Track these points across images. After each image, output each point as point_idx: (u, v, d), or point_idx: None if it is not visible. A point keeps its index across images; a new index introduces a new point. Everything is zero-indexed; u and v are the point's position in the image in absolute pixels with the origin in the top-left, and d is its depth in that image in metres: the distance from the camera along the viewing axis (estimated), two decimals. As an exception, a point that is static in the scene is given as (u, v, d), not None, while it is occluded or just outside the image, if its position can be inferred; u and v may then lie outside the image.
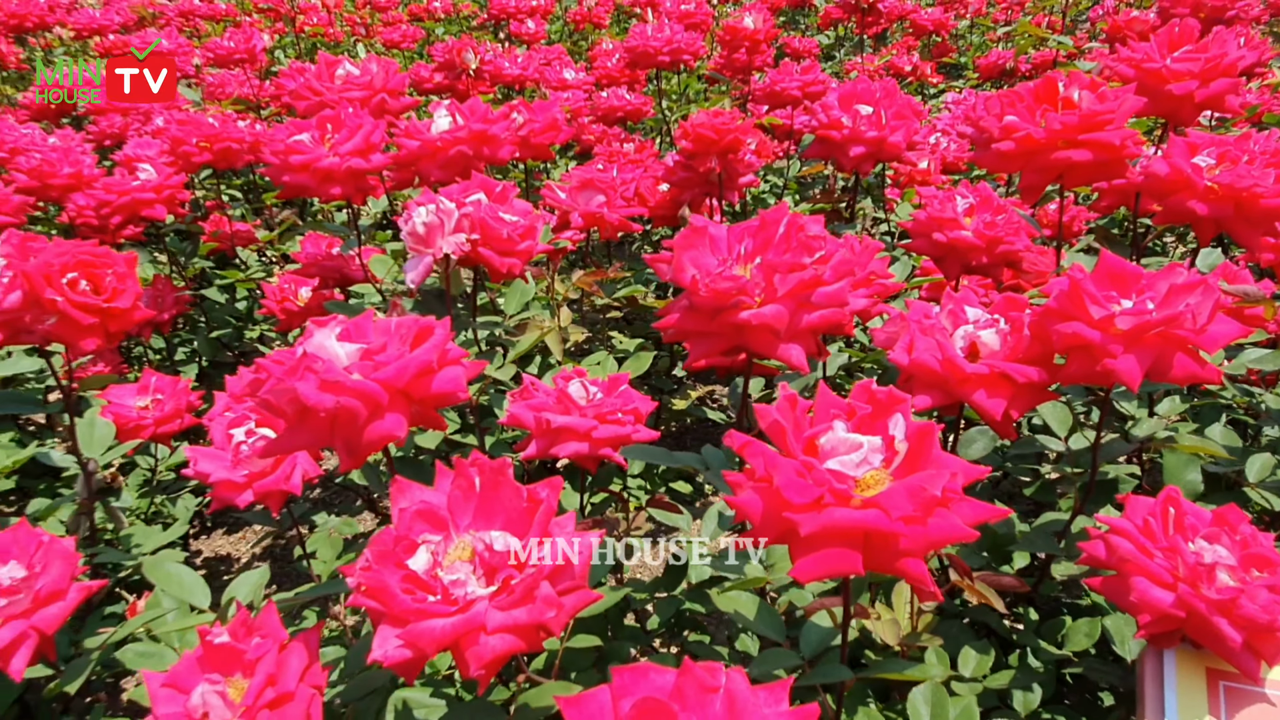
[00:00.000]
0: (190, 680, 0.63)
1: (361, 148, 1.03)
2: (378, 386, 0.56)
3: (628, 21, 4.33)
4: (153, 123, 2.00)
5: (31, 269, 0.83)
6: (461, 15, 4.50)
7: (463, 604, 0.51)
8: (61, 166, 1.59)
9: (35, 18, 2.68)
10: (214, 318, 1.73)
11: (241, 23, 3.85)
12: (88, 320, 0.84)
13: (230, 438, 0.93)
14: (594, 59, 2.64)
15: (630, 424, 0.81)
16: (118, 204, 1.43)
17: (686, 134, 1.28)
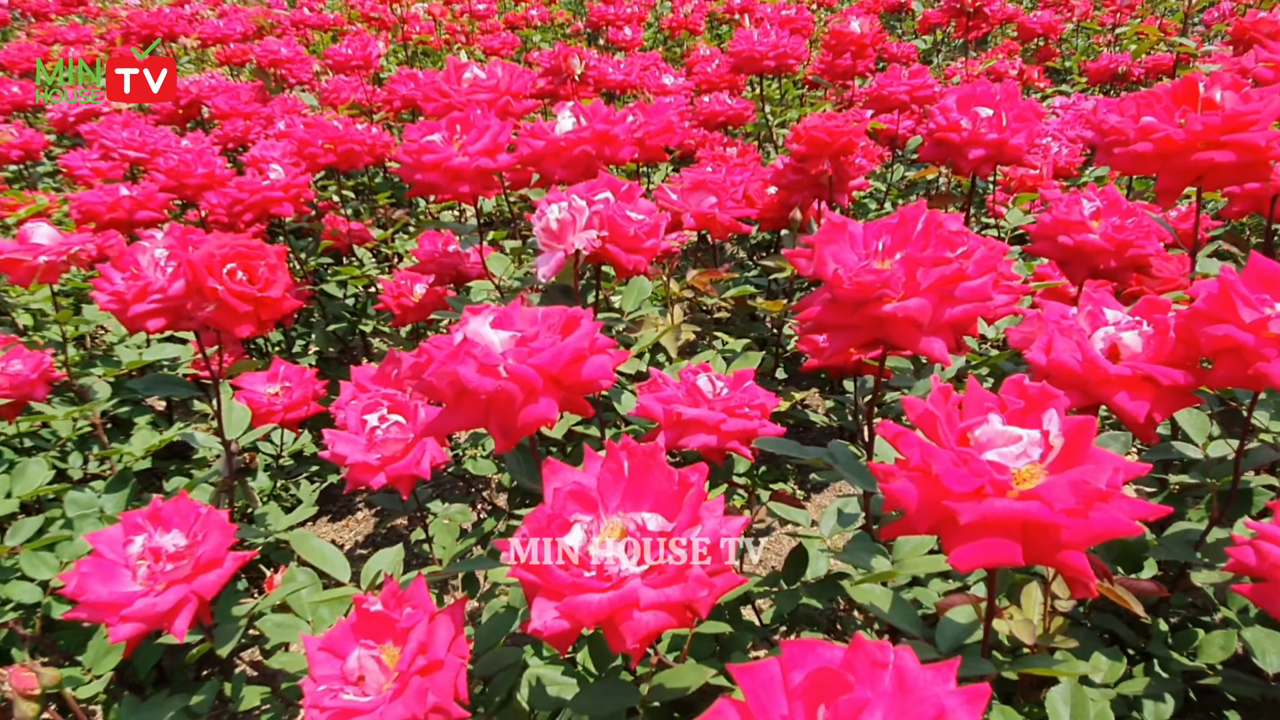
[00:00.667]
0: (345, 645, 0.67)
1: (489, 148, 1.07)
2: (533, 371, 0.59)
3: (718, 28, 4.35)
4: (274, 126, 2.10)
5: (196, 259, 0.89)
6: (556, 23, 4.58)
7: (616, 580, 0.53)
8: (196, 167, 1.69)
9: (165, 28, 2.84)
10: (330, 312, 1.80)
11: (346, 31, 4.01)
12: (244, 308, 0.90)
13: (364, 423, 0.98)
14: (692, 65, 2.67)
15: (757, 418, 0.82)
16: (249, 202, 1.51)
17: (799, 137, 1.29)
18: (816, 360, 1.12)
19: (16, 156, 1.95)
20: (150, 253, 0.96)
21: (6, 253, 1.06)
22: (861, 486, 0.69)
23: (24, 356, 1.20)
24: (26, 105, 2.60)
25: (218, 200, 1.65)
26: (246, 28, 2.97)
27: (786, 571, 0.83)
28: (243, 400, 1.28)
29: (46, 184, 2.31)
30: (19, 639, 1.08)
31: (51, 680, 0.76)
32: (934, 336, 0.61)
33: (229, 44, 2.86)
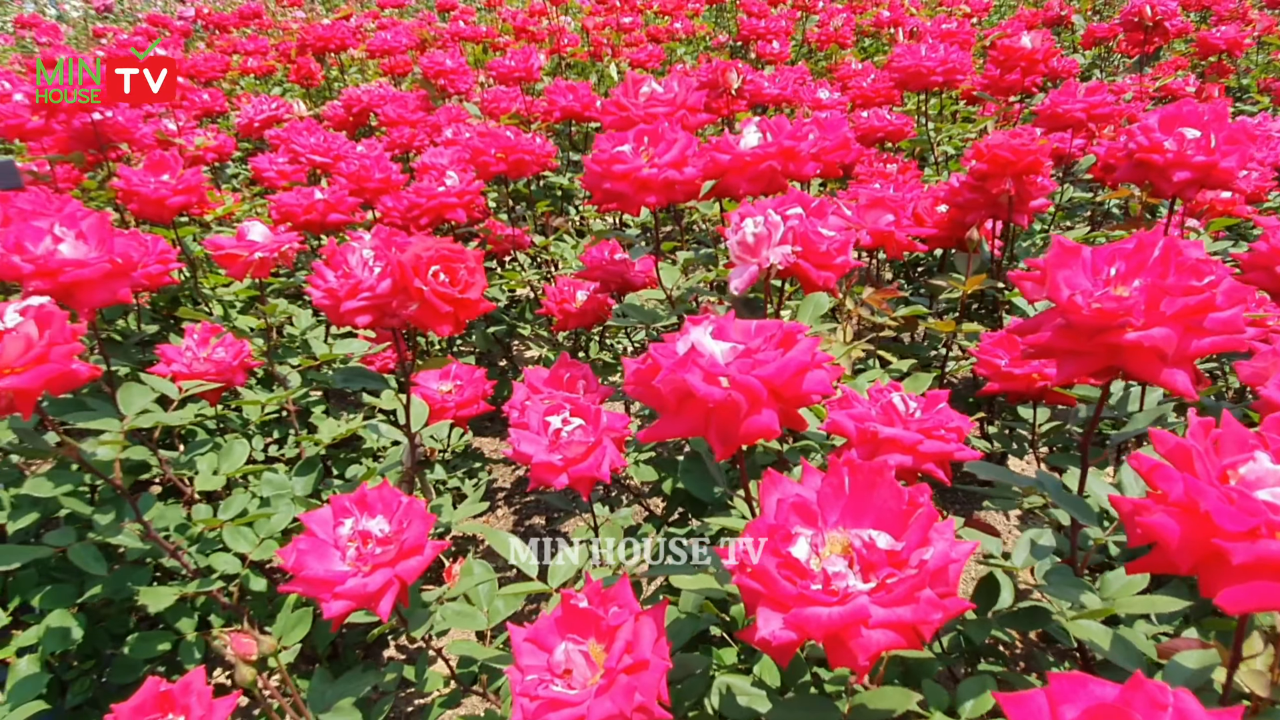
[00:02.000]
0: (550, 639, 0.69)
1: (677, 160, 1.09)
2: (758, 383, 0.60)
3: (862, 41, 4.29)
4: (442, 134, 2.19)
5: (405, 261, 0.94)
6: (699, 35, 4.62)
7: (843, 596, 0.53)
8: (374, 172, 1.78)
9: (337, 40, 3.02)
10: (490, 314, 1.87)
11: (496, 43, 4.15)
12: (445, 309, 0.94)
13: (547, 425, 1.01)
14: (844, 79, 2.64)
15: (954, 441, 0.81)
16: (426, 207, 1.59)
17: (981, 155, 1.26)
18: (999, 385, 1.09)
19: (211, 159, 2.11)
20: (359, 253, 1.02)
21: (227, 248, 1.15)
22: (1078, 518, 0.67)
23: (227, 344, 1.30)
24: (213, 110, 2.80)
25: (393, 203, 1.74)
26: (411, 40, 3.12)
27: (978, 598, 0.81)
28: (418, 396, 1.34)
29: (231, 184, 2.48)
30: (218, 606, 1.16)
31: (269, 648, 0.81)
32: (1177, 368, 0.59)
33: (395, 55, 3.01)
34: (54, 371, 0.82)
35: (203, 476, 1.12)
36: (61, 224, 0.98)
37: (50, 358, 0.82)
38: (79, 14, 7.28)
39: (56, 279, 0.94)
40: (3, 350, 0.80)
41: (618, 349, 1.89)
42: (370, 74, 3.82)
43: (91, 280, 0.96)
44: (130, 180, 1.47)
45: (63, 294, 0.96)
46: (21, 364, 0.81)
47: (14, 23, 5.42)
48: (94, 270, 0.96)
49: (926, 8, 4.44)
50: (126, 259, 0.99)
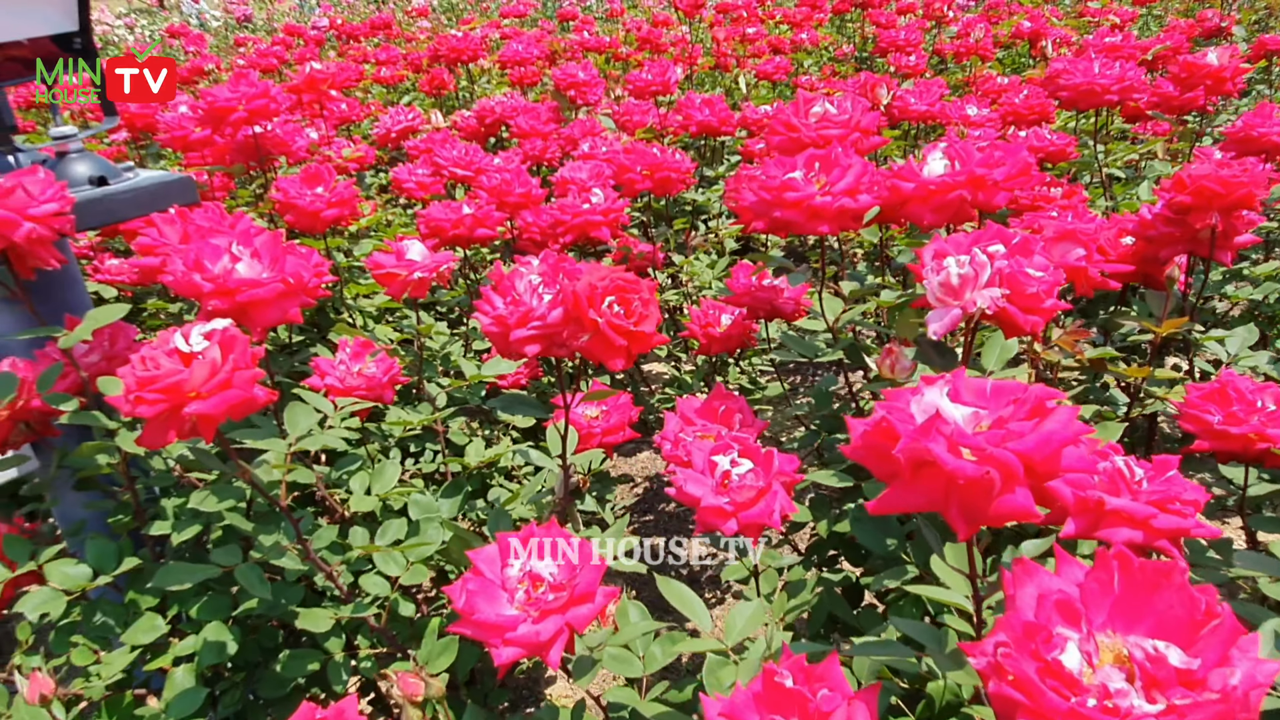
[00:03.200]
0: (747, 714, 0.64)
1: (853, 187, 1.03)
2: (1014, 458, 0.53)
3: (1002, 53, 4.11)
4: (579, 148, 2.18)
5: (580, 291, 0.90)
6: (822, 46, 4.52)
7: (1124, 715, 0.47)
8: (515, 187, 1.77)
9: (470, 51, 3.06)
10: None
11: (620, 54, 4.14)
12: (619, 342, 0.90)
13: (714, 465, 0.96)
14: (992, 94, 2.52)
15: (1191, 515, 0.72)
16: (570, 224, 1.56)
17: (1182, 186, 1.15)
18: (1210, 443, 0.98)
19: (354, 169, 2.14)
20: (526, 279, 0.99)
21: (387, 267, 1.15)
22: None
23: (380, 360, 1.29)
24: (350, 119, 2.87)
25: (533, 219, 1.73)
26: (542, 51, 3.14)
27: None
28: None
29: (366, 193, 2.53)
30: (365, 627, 1.16)
31: (436, 692, 0.79)
32: None
33: (526, 66, 3.03)
34: (238, 398, 0.81)
35: (357, 497, 1.11)
36: (239, 243, 0.99)
37: (234, 383, 0.82)
38: (219, 23, 7.66)
39: (234, 298, 0.94)
40: (190, 375, 0.79)
41: (751, 373, 1.84)
42: (495, 84, 3.86)
43: (266, 300, 0.96)
44: (288, 193, 1.49)
45: (238, 313, 0.96)
46: (207, 389, 0.80)
47: (164, 32, 5.73)
48: (269, 290, 0.95)
49: (1067, 18, 4.23)
50: (298, 278, 0.99)
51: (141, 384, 0.80)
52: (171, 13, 9.29)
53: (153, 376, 0.80)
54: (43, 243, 0.95)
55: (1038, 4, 4.53)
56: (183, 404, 0.80)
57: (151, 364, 0.81)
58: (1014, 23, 3.88)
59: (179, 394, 0.80)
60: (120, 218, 1.06)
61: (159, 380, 0.79)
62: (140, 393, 0.79)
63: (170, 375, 0.79)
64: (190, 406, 0.80)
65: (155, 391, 0.79)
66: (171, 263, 0.96)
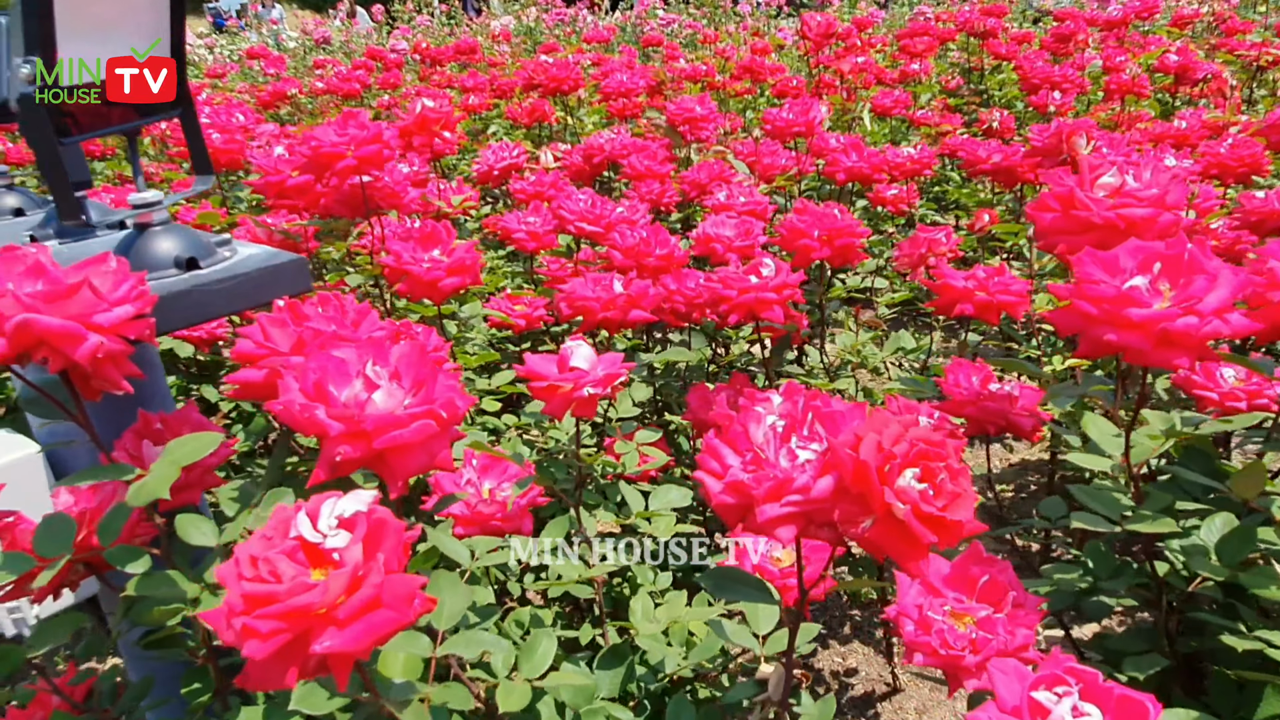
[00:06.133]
0: None
1: (1225, 304, 0.73)
2: None
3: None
4: (713, 196, 1.91)
5: (867, 456, 0.62)
6: (931, 78, 4.21)
7: None
8: (654, 247, 1.51)
9: (571, 81, 2.82)
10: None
11: (715, 84, 3.88)
12: (926, 536, 0.62)
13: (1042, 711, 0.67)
14: (1177, 140, 2.19)
15: None
16: (737, 301, 1.28)
17: None
18: None
19: (455, 212, 1.90)
20: (764, 423, 0.72)
21: (549, 379, 0.88)
22: None
23: (510, 475, 1.03)
24: (441, 153, 2.64)
25: (676, 286, 1.46)
26: (649, 82, 2.89)
27: None
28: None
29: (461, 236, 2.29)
30: None
31: None
32: None
33: (631, 98, 2.78)
34: (389, 624, 0.54)
35: (504, 690, 0.83)
36: (375, 360, 0.73)
37: (384, 600, 0.55)
38: (295, 44, 7.60)
39: (370, 443, 0.68)
40: (323, 592, 0.53)
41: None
42: (588, 115, 3.62)
43: (411, 445, 0.70)
44: (401, 257, 1.24)
45: (374, 460, 0.70)
46: (345, 613, 0.53)
47: (244, 53, 5.64)
48: (417, 432, 0.69)
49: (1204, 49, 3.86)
50: (451, 410, 0.72)
51: (252, 602, 0.53)
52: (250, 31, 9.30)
53: (269, 593, 0.53)
54: (113, 359, 0.70)
55: (1178, 36, 4.17)
56: (312, 634, 0.53)
57: (267, 570, 0.55)
58: (1154, 56, 3.54)
59: (306, 619, 0.53)
60: (214, 313, 0.81)
61: (278, 599, 0.53)
62: (250, 617, 0.53)
63: (296, 593, 0.53)
64: (322, 642, 0.53)
65: (273, 617, 0.53)
66: (285, 387, 0.70)
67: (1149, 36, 4.28)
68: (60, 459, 1.09)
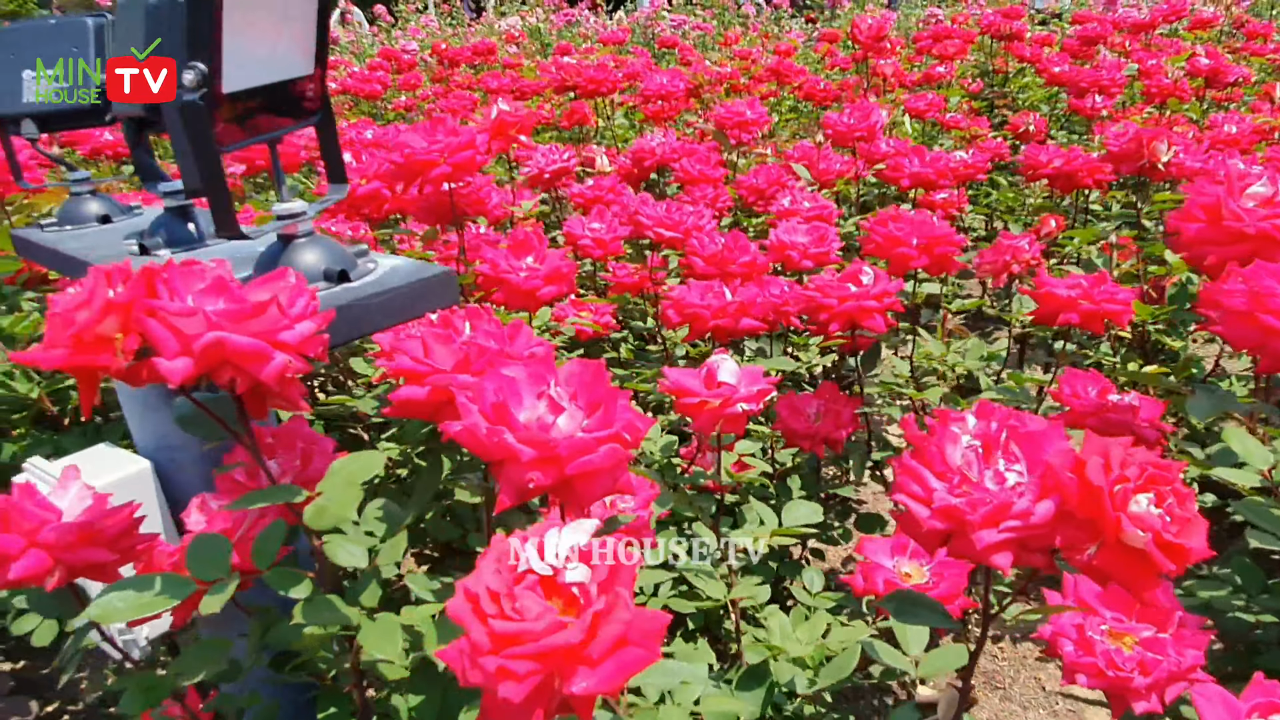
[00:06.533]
0: None
1: None
2: None
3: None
4: (777, 203, 1.89)
5: (1095, 477, 0.60)
6: (954, 79, 4.20)
7: None
8: (736, 254, 1.48)
9: (609, 83, 2.79)
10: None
11: (736, 85, 3.86)
12: (1164, 563, 0.60)
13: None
14: (1219, 144, 2.18)
15: None
16: (837, 310, 1.26)
17: None
18: None
19: (500, 215, 1.87)
20: (960, 442, 0.70)
21: (698, 395, 0.85)
22: None
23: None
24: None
25: (758, 294, 1.43)
26: (688, 85, 2.87)
27: None
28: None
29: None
30: None
31: None
32: None
33: (669, 100, 2.75)
34: (639, 663, 0.52)
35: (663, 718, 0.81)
36: (553, 381, 0.70)
37: (630, 637, 0.52)
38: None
39: (562, 469, 0.65)
40: (579, 626, 0.50)
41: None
42: (618, 118, 3.59)
43: (600, 471, 0.67)
44: (498, 265, 1.21)
45: (561, 487, 0.67)
46: (598, 651, 0.51)
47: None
48: (607, 456, 0.66)
49: (1239, 55, 3.87)
50: (633, 433, 0.70)
51: (501, 641, 0.51)
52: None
53: (521, 632, 0.50)
54: (295, 379, 0.67)
55: (1198, 39, 4.18)
56: (565, 674, 0.51)
57: (511, 606, 0.52)
58: (1182, 60, 3.54)
59: (561, 659, 0.51)
60: (369, 329, 0.79)
61: (532, 638, 0.50)
62: (501, 657, 0.50)
63: (551, 632, 0.50)
64: (577, 683, 0.50)
65: (527, 658, 0.50)
66: (464, 409, 0.68)
67: (1168, 40, 4.29)
68: (166, 474, 1.06)
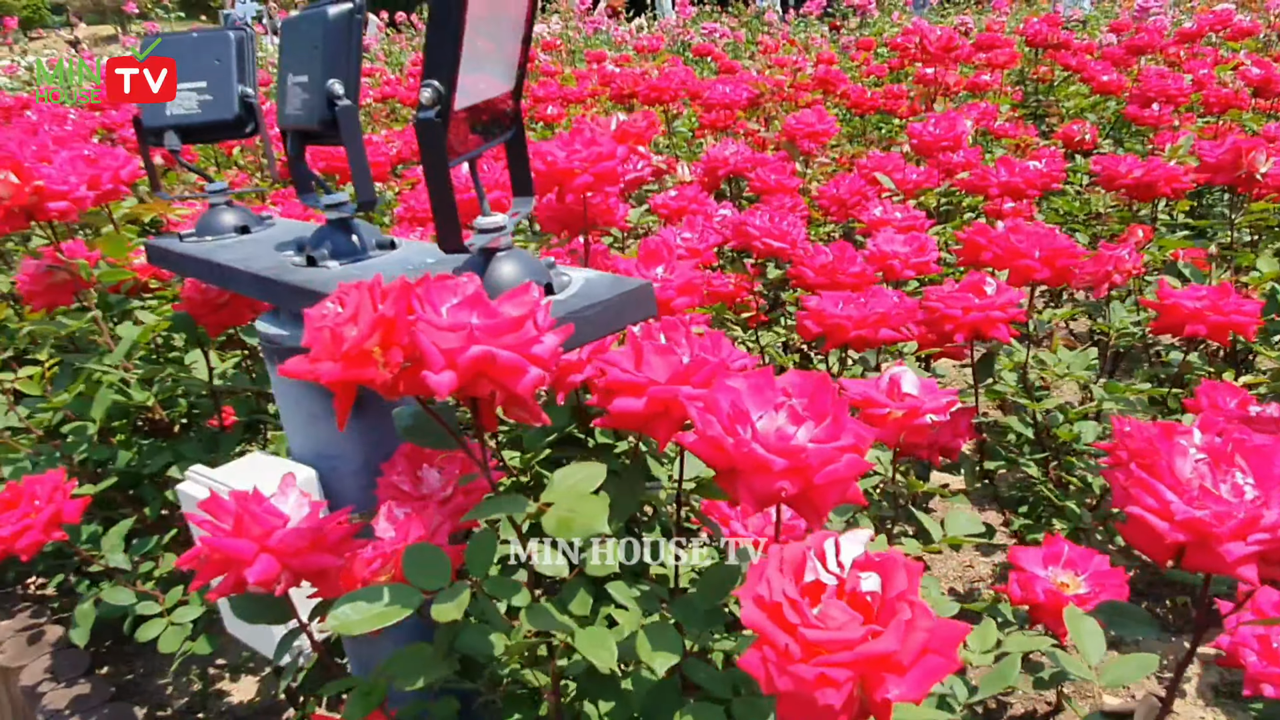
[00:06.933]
0: None
1: None
2: None
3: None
4: (868, 212, 1.90)
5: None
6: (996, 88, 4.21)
7: None
8: (847, 266, 1.50)
9: (672, 91, 2.81)
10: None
11: (782, 93, 3.88)
12: None
13: None
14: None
15: None
16: (962, 320, 1.27)
17: None
18: None
19: (626, 225, 1.89)
20: (1189, 455, 0.71)
21: (881, 405, 0.87)
22: None
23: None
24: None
25: (896, 304, 1.44)
26: (751, 94, 2.89)
27: None
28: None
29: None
30: None
31: None
32: None
33: (732, 110, 2.77)
34: (941, 670, 0.53)
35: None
36: (787, 393, 0.72)
37: (932, 645, 0.53)
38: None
39: (810, 478, 0.67)
40: (894, 635, 0.51)
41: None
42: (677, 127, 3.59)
43: (843, 480, 0.69)
44: (631, 275, 1.23)
45: (800, 496, 0.68)
46: (907, 659, 0.52)
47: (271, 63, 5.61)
48: (849, 466, 0.68)
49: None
50: (863, 442, 0.71)
51: (813, 649, 0.52)
52: (271, 38, 9.28)
53: (837, 640, 0.52)
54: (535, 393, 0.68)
55: (1239, 48, 4.18)
56: (875, 682, 0.52)
57: (816, 614, 0.53)
58: (1229, 69, 3.55)
59: (874, 667, 0.52)
60: (580, 341, 0.80)
61: (848, 646, 0.51)
62: (814, 665, 0.51)
63: (866, 640, 0.51)
64: (889, 690, 0.52)
65: (844, 665, 0.51)
66: (703, 420, 0.69)
67: (1209, 49, 4.30)
68: (325, 483, 1.07)
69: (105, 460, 1.45)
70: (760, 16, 7.93)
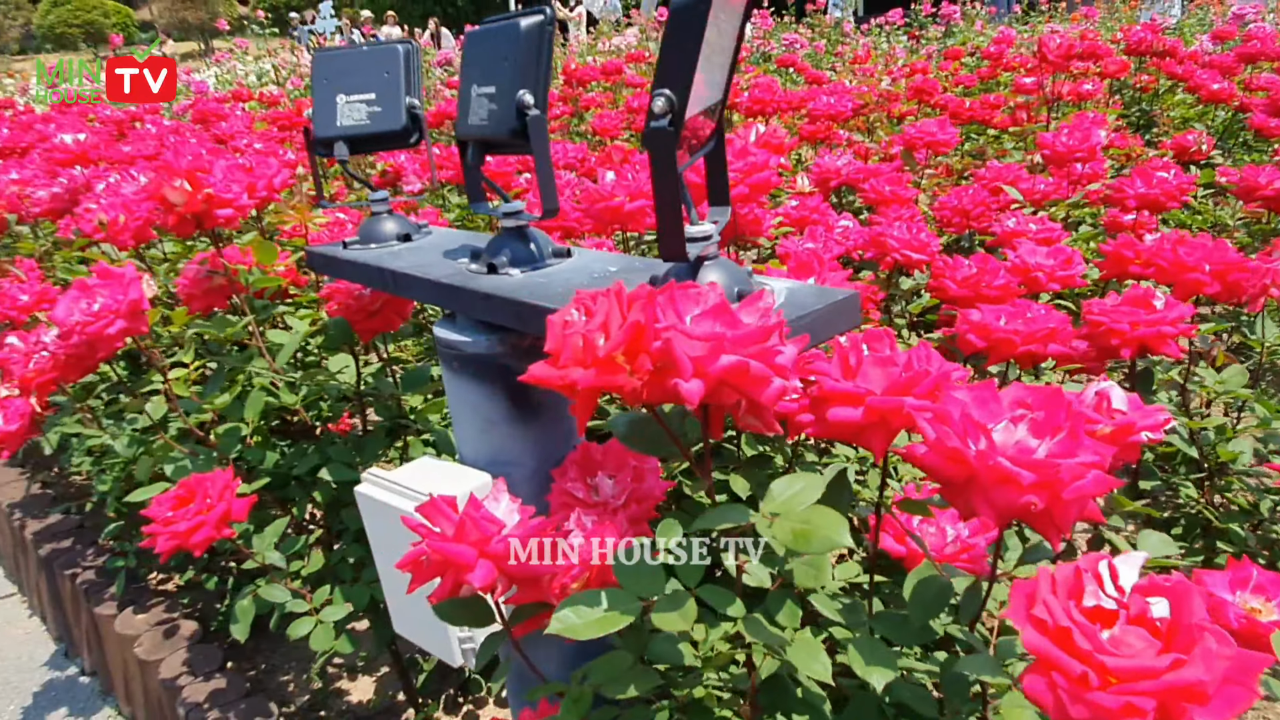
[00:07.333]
0: None
1: None
2: None
3: None
4: (1001, 224, 1.86)
5: None
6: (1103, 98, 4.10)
7: None
8: (990, 278, 1.47)
9: (774, 104, 2.81)
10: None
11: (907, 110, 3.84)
12: None
13: None
14: None
15: None
16: (1130, 335, 1.23)
17: None
18: None
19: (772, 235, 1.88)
20: None
21: (1094, 422, 0.84)
22: None
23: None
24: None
25: (1064, 318, 1.39)
26: (855, 105, 2.87)
27: None
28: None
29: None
30: None
31: None
32: None
33: (839, 120, 2.75)
34: (1243, 701, 0.51)
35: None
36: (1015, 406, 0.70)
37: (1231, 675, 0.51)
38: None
39: (1058, 494, 0.65)
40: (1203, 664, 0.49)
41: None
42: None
43: (1086, 496, 0.67)
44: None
45: (1042, 515, 0.67)
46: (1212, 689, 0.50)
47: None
48: (1095, 483, 0.66)
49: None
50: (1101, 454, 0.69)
51: (1109, 677, 0.51)
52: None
53: (1133, 668, 0.50)
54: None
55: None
56: (1178, 713, 0.50)
57: (1109, 640, 0.52)
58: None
59: (1177, 697, 0.50)
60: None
61: (1152, 675, 0.50)
62: (1125, 694, 0.50)
63: (1170, 669, 0.50)
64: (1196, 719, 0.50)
65: (1148, 694, 0.50)
66: (940, 434, 0.68)
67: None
68: (495, 487, 1.08)
69: (257, 461, 1.49)
70: (838, 26, 7.88)
